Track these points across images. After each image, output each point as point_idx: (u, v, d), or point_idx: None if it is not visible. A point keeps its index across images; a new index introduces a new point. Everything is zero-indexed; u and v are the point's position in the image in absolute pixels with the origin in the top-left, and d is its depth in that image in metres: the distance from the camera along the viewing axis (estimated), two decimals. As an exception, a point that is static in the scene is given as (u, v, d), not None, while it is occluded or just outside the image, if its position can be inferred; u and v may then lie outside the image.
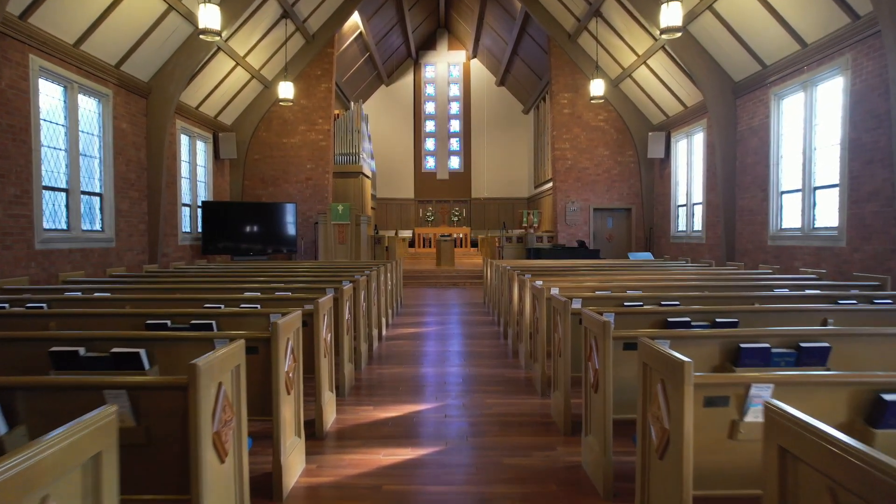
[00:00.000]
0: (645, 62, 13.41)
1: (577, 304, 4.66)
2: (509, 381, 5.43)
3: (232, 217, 13.87)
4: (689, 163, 13.74)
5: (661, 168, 15.27)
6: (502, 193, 25.04)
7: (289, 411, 3.19)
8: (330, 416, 4.23)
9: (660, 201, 15.37)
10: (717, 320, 3.97)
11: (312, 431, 3.96)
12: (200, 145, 14.02)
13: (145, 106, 10.99)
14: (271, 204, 14.84)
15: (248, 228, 14.06)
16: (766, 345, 2.99)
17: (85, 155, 9.29)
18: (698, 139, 13.26)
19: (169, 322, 3.89)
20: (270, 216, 14.48)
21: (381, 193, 24.57)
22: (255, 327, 4.08)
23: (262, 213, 14.45)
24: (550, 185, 18.75)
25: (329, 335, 4.23)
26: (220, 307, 4.88)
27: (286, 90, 13.27)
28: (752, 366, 2.99)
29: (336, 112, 18.46)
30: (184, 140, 13.05)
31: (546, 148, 20.42)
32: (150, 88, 10.95)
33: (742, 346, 2.99)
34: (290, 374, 3.18)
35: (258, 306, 4.87)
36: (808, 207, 8.99)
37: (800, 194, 9.22)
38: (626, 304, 4.92)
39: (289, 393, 3.17)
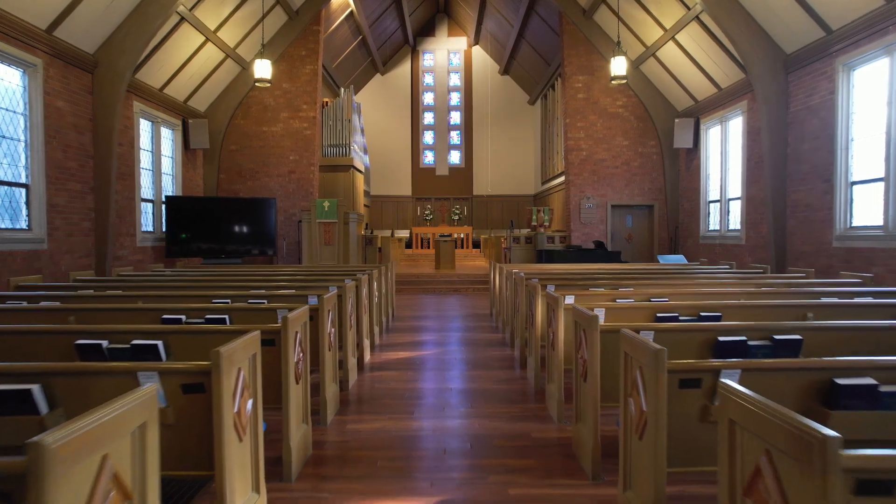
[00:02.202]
0: (673, 37, 11.72)
1: (646, 336, 2.99)
2: (540, 449, 3.73)
3: (202, 214, 12.16)
4: (723, 152, 12.05)
5: (689, 159, 13.58)
6: (507, 190, 23.33)
7: None
8: (255, 536, 2.55)
9: (687, 197, 13.68)
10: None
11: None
12: (166, 133, 12.32)
13: (90, 82, 9.29)
14: (248, 199, 13.15)
15: (220, 228, 12.36)
16: None
17: (5, 137, 7.59)
18: (735, 125, 11.57)
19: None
20: (247, 213, 12.78)
21: (376, 190, 22.87)
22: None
23: (238, 210, 12.75)
24: (561, 179, 17.07)
25: (246, 404, 2.53)
26: (102, 343, 3.21)
27: (263, 69, 11.55)
28: None
29: (325, 100, 16.79)
30: (144, 126, 11.35)
31: (555, 140, 18.74)
32: (97, 61, 9.24)
33: None
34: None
35: (159, 344, 3.17)
36: (895, 200, 7.29)
37: (880, 184, 7.52)
38: (722, 339, 3.25)
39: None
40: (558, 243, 14.23)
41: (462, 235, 20.72)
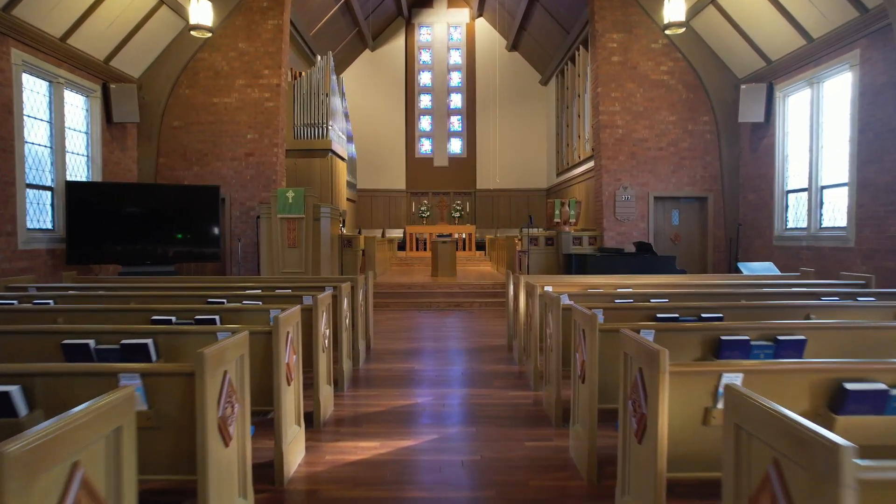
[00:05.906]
0: (748, -29, 8.80)
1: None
2: None
3: (121, 207, 9.19)
4: (814, 124, 9.10)
5: (755, 138, 10.64)
6: (515, 184, 20.37)
7: None
8: None
9: (752, 186, 10.73)
10: None
11: None
12: (76, 99, 9.35)
13: (-79, 9, 6.34)
14: (185, 187, 10.19)
15: (147, 224, 9.38)
16: None
17: None
18: (837, 86, 8.63)
19: None
20: (185, 206, 9.81)
21: (364, 183, 19.88)
22: None
23: (173, 202, 9.77)
24: (583, 168, 14.16)
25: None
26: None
27: (201, 13, 8.62)
28: None
29: (299, 72, 13.85)
30: (35, 86, 8.38)
31: (575, 122, 15.79)
32: (-71, -23, 6.30)
33: None
34: None
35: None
36: None
37: None
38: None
39: None
40: (587, 245, 11.28)
41: (464, 235, 17.79)
